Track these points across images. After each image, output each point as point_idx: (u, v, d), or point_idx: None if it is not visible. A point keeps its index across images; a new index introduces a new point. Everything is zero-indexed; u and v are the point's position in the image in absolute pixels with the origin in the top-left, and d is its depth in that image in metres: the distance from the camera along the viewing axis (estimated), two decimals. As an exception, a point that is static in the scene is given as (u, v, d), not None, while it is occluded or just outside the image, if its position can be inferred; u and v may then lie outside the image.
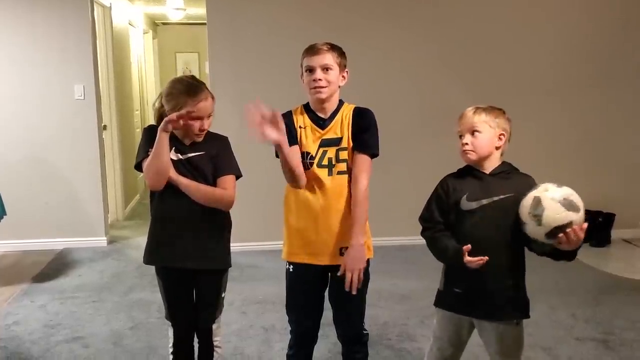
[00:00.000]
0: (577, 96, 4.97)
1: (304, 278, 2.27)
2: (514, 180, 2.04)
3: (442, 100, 4.88)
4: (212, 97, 2.25)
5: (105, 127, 5.45)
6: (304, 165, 2.19)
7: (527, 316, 2.08)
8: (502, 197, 2.00)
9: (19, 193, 4.73)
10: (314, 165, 2.19)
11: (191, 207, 2.20)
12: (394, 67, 4.82)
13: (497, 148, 2.06)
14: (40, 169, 4.84)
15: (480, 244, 1.97)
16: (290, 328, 2.35)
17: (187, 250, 2.24)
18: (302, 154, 2.20)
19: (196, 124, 2.18)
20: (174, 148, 2.21)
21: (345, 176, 2.20)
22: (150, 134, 2.24)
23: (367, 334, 2.38)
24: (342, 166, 2.20)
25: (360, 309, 2.32)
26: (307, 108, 2.26)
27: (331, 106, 2.22)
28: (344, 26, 4.66)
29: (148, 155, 2.16)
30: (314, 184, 2.19)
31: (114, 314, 3.54)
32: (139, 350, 3.06)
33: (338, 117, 2.22)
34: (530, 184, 2.00)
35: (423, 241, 2.19)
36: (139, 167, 2.25)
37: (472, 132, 2.06)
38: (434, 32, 4.83)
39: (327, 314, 2.33)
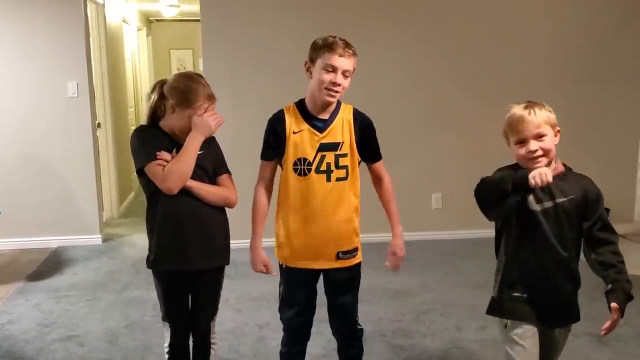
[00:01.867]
0: (571, 91, 4.97)
1: (298, 277, 2.26)
2: (571, 181, 1.91)
3: (437, 97, 4.87)
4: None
5: (99, 125, 5.43)
6: (300, 171, 2.14)
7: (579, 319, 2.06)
8: (564, 199, 1.86)
9: (13, 191, 4.72)
10: (312, 171, 2.13)
11: (198, 207, 2.19)
12: (389, 65, 4.80)
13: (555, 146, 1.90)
14: (34, 167, 4.82)
15: (544, 246, 1.88)
16: (283, 325, 2.35)
17: (198, 251, 2.23)
18: (298, 160, 2.14)
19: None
20: (174, 149, 2.18)
21: (345, 183, 2.16)
22: (146, 135, 2.21)
23: (362, 329, 2.39)
24: (342, 173, 2.15)
25: (354, 305, 2.33)
26: (301, 108, 2.19)
27: (331, 107, 2.17)
28: (339, 23, 4.62)
29: (154, 158, 2.12)
30: (312, 190, 2.15)
31: (109, 312, 3.53)
32: (134, 349, 3.05)
33: (337, 120, 2.17)
34: (587, 186, 1.91)
35: (418, 237, 2.21)
36: (140, 171, 2.17)
37: (539, 137, 1.87)
38: (429, 29, 4.81)
39: (322, 310, 2.34)
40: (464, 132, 4.90)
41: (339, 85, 2.08)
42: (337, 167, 2.15)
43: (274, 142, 2.19)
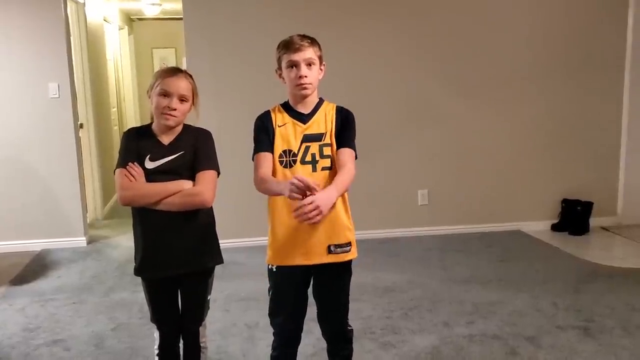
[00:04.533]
0: (553, 86, 5.01)
1: (288, 278, 2.23)
2: None
3: (421, 93, 4.89)
4: (191, 84, 2.22)
5: (81, 126, 5.38)
6: (285, 164, 2.16)
7: None
8: None
9: (-6, 194, 4.65)
10: (297, 162, 2.15)
11: (171, 215, 2.15)
12: (373, 62, 4.81)
13: None
14: (16, 169, 4.75)
15: None
16: (273, 330, 2.32)
17: (176, 258, 2.20)
18: (284, 152, 2.16)
19: (163, 101, 2.14)
20: (148, 156, 2.16)
21: (331, 172, 2.17)
22: (127, 140, 2.21)
23: (352, 330, 2.37)
24: (327, 162, 2.17)
25: (345, 306, 2.32)
26: (286, 107, 2.23)
27: (312, 101, 2.21)
28: (322, 20, 4.64)
29: (125, 165, 2.13)
30: None
31: (95, 315, 3.49)
32: (122, 352, 3.02)
33: (320, 113, 2.20)
34: None
35: (405, 233, 2.19)
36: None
37: None
38: (413, 26, 4.82)
39: (311, 308, 2.32)
40: (449, 129, 4.92)
41: (305, 76, 2.12)
42: (322, 156, 2.17)
43: (266, 135, 2.18)
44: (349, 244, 2.22)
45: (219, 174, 2.24)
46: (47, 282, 4.08)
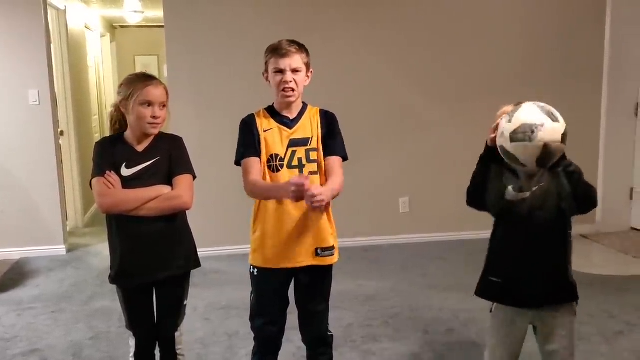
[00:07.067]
0: (532, 95, 5.01)
1: (271, 281, 2.26)
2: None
3: (401, 101, 4.91)
4: (166, 90, 2.23)
5: (62, 133, 5.33)
6: (273, 168, 2.18)
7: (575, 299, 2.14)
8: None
9: (-28, 202, 4.59)
10: (284, 167, 2.18)
11: (148, 221, 2.15)
12: (353, 68, 4.83)
13: None
14: (-6, 177, 4.70)
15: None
16: (253, 335, 2.33)
17: (153, 263, 2.20)
18: (271, 156, 2.18)
19: (147, 111, 2.15)
20: (124, 164, 2.17)
21: (317, 176, 2.21)
22: (102, 149, 2.22)
23: (332, 335, 2.40)
24: (313, 166, 2.20)
25: (325, 310, 2.34)
26: (271, 111, 2.25)
27: (297, 106, 2.24)
28: (304, 27, 4.64)
29: (102, 173, 2.13)
30: None
31: (74, 324, 3.45)
32: (100, 361, 2.99)
33: (305, 118, 2.23)
34: None
35: (386, 241, 2.22)
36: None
37: None
38: (391, 32, 4.85)
39: (291, 317, 2.33)
40: (430, 136, 4.95)
41: (290, 82, 2.14)
42: (309, 161, 2.20)
43: (252, 140, 2.21)
44: (332, 247, 2.27)
45: (194, 177, 2.26)
46: (25, 291, 4.03)
